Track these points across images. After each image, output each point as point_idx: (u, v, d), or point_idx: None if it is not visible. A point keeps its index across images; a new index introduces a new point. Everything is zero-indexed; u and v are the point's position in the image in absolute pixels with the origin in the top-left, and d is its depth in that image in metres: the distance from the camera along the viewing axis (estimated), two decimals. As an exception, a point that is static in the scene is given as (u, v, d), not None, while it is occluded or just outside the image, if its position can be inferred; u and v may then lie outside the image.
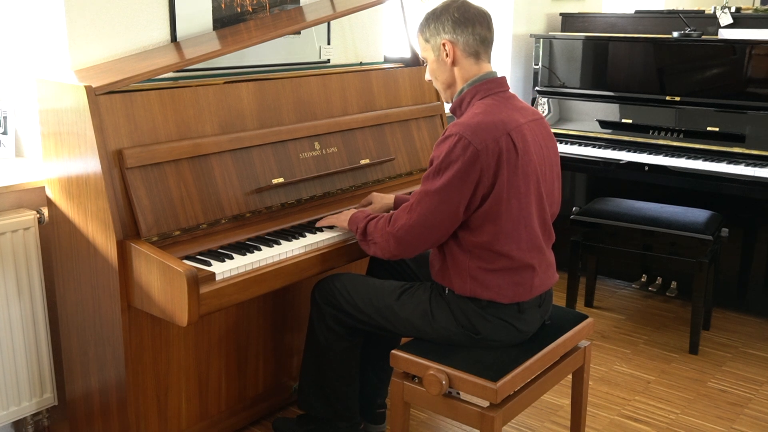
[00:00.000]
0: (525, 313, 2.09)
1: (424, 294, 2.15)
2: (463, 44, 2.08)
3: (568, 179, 4.20)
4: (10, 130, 2.53)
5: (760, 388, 3.01)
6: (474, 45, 2.09)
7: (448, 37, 2.08)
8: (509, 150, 1.95)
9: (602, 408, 2.85)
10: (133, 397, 2.21)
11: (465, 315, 2.07)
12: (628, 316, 3.71)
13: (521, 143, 1.98)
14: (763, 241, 3.56)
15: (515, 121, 2.01)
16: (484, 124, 1.96)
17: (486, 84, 2.09)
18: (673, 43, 3.72)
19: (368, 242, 2.16)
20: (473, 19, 2.08)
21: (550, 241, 2.17)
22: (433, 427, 2.72)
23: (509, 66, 4.36)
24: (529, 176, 2.00)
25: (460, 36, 2.07)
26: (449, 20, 2.07)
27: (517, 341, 2.12)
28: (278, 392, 2.72)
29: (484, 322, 2.06)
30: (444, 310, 2.10)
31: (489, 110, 2.02)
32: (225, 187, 2.30)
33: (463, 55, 2.09)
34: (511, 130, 1.97)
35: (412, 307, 2.15)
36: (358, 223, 2.21)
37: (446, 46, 2.09)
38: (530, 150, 2.01)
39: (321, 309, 2.29)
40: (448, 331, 2.10)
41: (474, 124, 1.96)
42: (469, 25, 2.07)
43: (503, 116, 2.00)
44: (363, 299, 2.21)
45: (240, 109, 2.43)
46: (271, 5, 2.86)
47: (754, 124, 3.46)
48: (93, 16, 2.36)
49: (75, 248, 2.22)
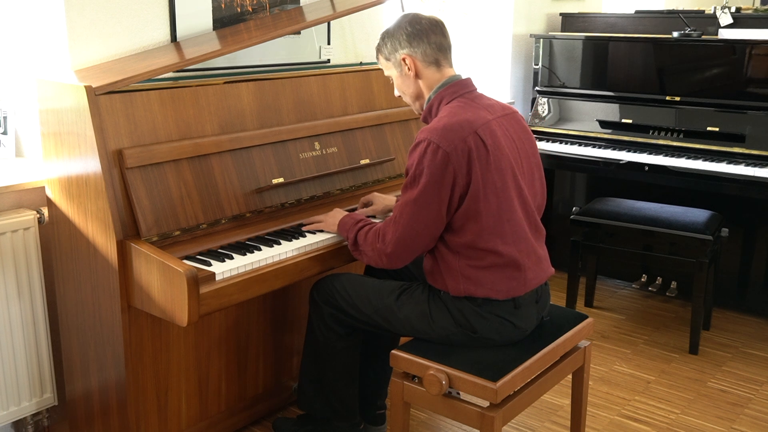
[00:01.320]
0: (521, 308, 2.10)
1: (423, 294, 2.16)
2: (421, 55, 2.13)
3: (568, 179, 4.20)
4: (10, 130, 2.53)
5: (760, 388, 3.01)
6: (432, 54, 2.14)
7: (405, 52, 2.14)
8: (478, 147, 1.99)
9: (602, 408, 2.85)
10: (133, 397, 2.21)
11: (463, 314, 2.08)
12: (628, 316, 3.71)
13: (490, 139, 2.02)
14: (763, 241, 3.56)
15: (482, 119, 2.04)
16: (450, 126, 2.00)
17: (450, 88, 2.14)
18: (673, 43, 3.72)
19: (360, 252, 2.19)
20: (426, 29, 2.13)
21: (539, 234, 2.18)
22: (433, 427, 2.72)
23: (509, 66, 4.36)
24: (504, 171, 2.03)
25: (417, 48, 2.13)
26: (403, 35, 2.13)
27: (516, 338, 2.13)
28: (278, 392, 2.72)
29: (481, 320, 2.07)
30: (442, 311, 2.11)
31: (455, 112, 2.05)
32: (225, 187, 2.30)
33: (423, 66, 2.15)
34: (477, 128, 2.01)
35: (410, 307, 2.15)
36: (348, 232, 2.22)
37: (406, 61, 2.15)
38: (501, 144, 2.04)
39: (320, 308, 2.29)
40: (447, 331, 2.10)
41: (441, 128, 2.00)
42: (423, 36, 2.13)
43: (469, 115, 2.04)
44: (362, 299, 2.22)
45: (240, 109, 2.43)
46: (271, 5, 2.86)
47: (754, 124, 3.46)
48: (93, 16, 2.36)
49: (75, 248, 2.22)
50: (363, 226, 2.19)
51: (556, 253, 2.28)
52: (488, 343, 2.10)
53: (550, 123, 4.02)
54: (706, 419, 2.78)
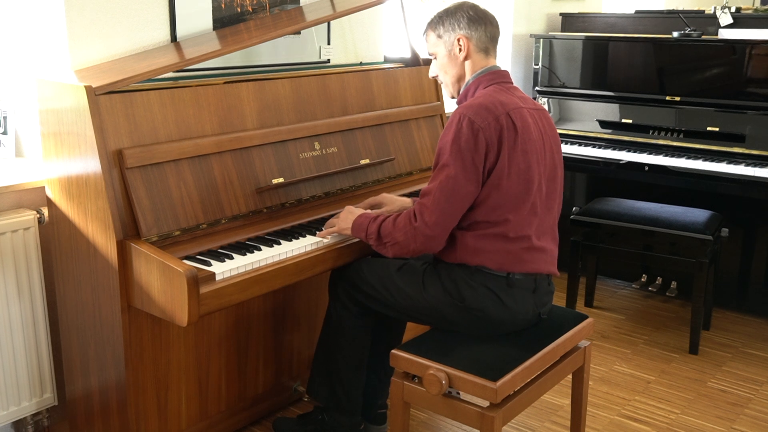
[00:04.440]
0: (514, 288, 2.11)
1: (421, 267, 2.24)
2: (476, 40, 2.21)
3: (568, 179, 4.19)
4: (10, 130, 2.53)
5: (760, 388, 3.01)
6: (485, 41, 2.23)
7: (463, 33, 2.21)
8: (509, 128, 2.07)
9: (602, 408, 2.85)
10: (133, 397, 2.21)
11: (453, 282, 2.13)
12: (628, 316, 3.71)
13: (520, 122, 2.09)
14: (763, 241, 3.56)
15: (515, 104, 2.13)
16: (485, 105, 2.08)
17: (489, 75, 2.22)
18: (673, 43, 3.72)
19: (385, 245, 2.17)
20: (485, 18, 2.23)
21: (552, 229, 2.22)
22: (433, 427, 2.72)
23: (509, 66, 4.36)
24: (529, 154, 2.10)
25: (474, 32, 2.21)
26: (464, 17, 2.21)
27: (507, 319, 2.13)
28: (278, 392, 2.72)
29: (469, 289, 2.10)
30: (434, 280, 2.17)
31: (490, 93, 2.15)
32: (225, 187, 2.30)
33: (475, 50, 2.22)
34: (510, 110, 2.09)
35: (408, 277, 2.23)
36: (368, 228, 2.21)
37: (461, 41, 2.21)
38: (530, 130, 2.11)
39: (337, 286, 2.37)
40: (437, 300, 2.15)
41: (476, 105, 2.09)
42: (482, 23, 2.22)
43: (503, 98, 2.12)
44: (371, 271, 2.29)
45: (240, 109, 2.43)
46: (271, 5, 2.86)
47: (754, 124, 3.46)
48: (93, 16, 2.36)
49: (75, 248, 2.22)
50: (386, 218, 2.19)
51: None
52: (478, 316, 2.11)
53: (550, 123, 4.03)
54: (706, 419, 2.78)
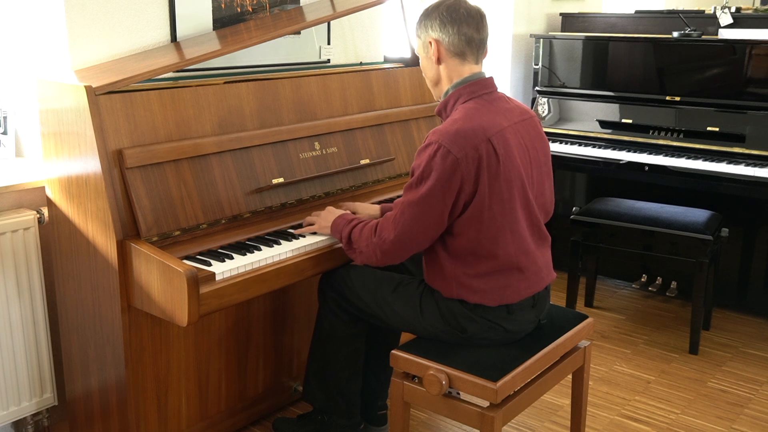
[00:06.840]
0: (514, 314, 2.10)
1: (417, 290, 2.17)
2: (447, 43, 2.07)
3: (568, 179, 4.20)
4: (10, 130, 2.53)
5: (760, 388, 3.01)
6: (459, 45, 2.07)
7: (434, 35, 2.08)
8: (489, 156, 1.95)
9: (602, 408, 2.85)
10: (133, 397, 2.21)
11: (452, 315, 2.09)
12: (628, 316, 3.71)
13: (502, 149, 1.98)
14: (763, 241, 3.56)
15: (497, 126, 2.00)
16: (463, 131, 1.95)
17: (470, 86, 2.08)
18: (673, 43, 3.72)
19: (354, 251, 2.17)
20: (461, 19, 2.05)
21: (543, 242, 2.17)
22: (433, 427, 2.72)
23: (509, 66, 4.36)
24: (513, 182, 2.00)
25: (445, 35, 2.07)
26: (437, 18, 2.07)
27: (509, 340, 2.12)
28: (278, 392, 2.72)
29: (471, 322, 2.08)
30: (432, 308, 2.12)
31: (470, 115, 2.01)
32: (225, 187, 2.30)
33: (447, 55, 2.09)
34: (491, 135, 1.97)
35: (404, 300, 2.17)
36: (342, 230, 2.20)
37: (432, 44, 2.09)
38: (513, 154, 2.01)
39: (326, 293, 2.33)
40: (436, 329, 2.12)
41: (453, 132, 1.95)
42: (455, 24, 2.05)
43: (484, 121, 1.99)
44: (363, 286, 2.24)
45: (240, 109, 2.43)
46: (271, 5, 2.86)
47: (754, 124, 3.46)
48: (93, 16, 2.36)
49: (75, 248, 2.22)
50: (357, 224, 2.18)
51: (556, 253, 2.28)
52: (481, 342, 2.10)
53: (550, 123, 4.02)
54: (706, 419, 2.78)
